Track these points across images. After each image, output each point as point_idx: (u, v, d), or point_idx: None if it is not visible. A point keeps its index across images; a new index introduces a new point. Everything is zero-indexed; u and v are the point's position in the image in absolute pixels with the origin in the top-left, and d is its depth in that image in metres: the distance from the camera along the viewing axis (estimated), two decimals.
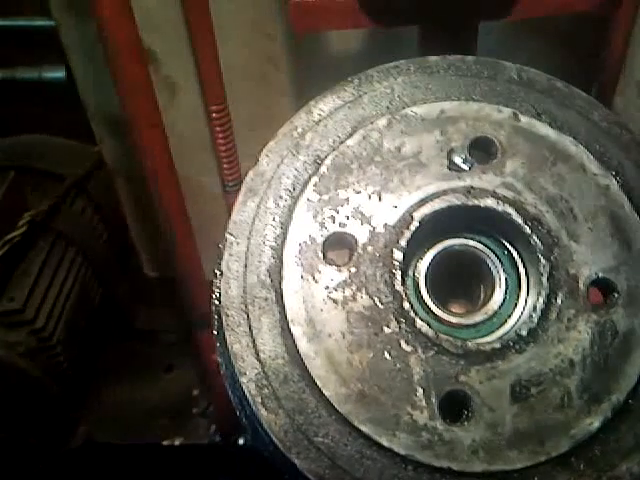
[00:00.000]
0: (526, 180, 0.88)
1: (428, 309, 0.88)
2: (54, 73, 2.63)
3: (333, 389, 0.80)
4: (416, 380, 0.80)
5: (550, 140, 0.90)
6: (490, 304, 0.90)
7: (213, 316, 0.90)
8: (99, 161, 2.29)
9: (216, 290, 0.87)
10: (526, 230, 0.86)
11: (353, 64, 1.76)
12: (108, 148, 2.19)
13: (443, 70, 0.94)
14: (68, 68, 2.10)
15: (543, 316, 0.83)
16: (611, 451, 0.80)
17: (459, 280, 0.95)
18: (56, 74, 2.62)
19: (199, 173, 2.10)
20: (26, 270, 1.99)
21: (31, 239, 2.01)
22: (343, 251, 0.86)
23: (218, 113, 1.87)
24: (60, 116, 2.50)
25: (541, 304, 0.83)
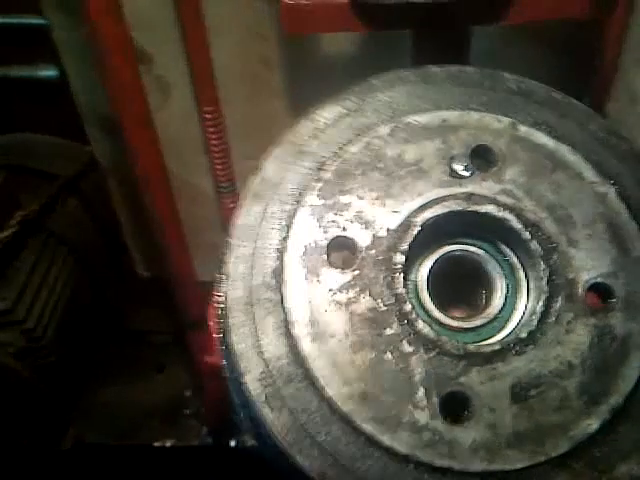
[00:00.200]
0: (525, 187, 0.90)
1: (429, 313, 0.90)
2: (47, 72, 2.61)
3: (335, 389, 0.81)
4: (417, 380, 0.81)
5: (548, 149, 0.92)
6: (490, 308, 0.92)
7: (217, 318, 0.91)
8: (92, 160, 2.27)
9: (220, 292, 0.89)
10: (526, 236, 0.88)
11: (347, 66, 1.77)
12: (100, 147, 2.18)
13: (444, 80, 0.96)
14: (61, 67, 2.08)
15: (542, 319, 0.84)
16: (610, 453, 0.80)
17: (460, 285, 0.96)
18: (49, 72, 2.59)
19: (192, 174, 2.09)
20: (17, 270, 1.97)
21: (22, 238, 1.98)
22: (346, 254, 0.88)
23: (211, 114, 1.88)
24: (53, 115, 2.46)
25: (540, 307, 0.84)
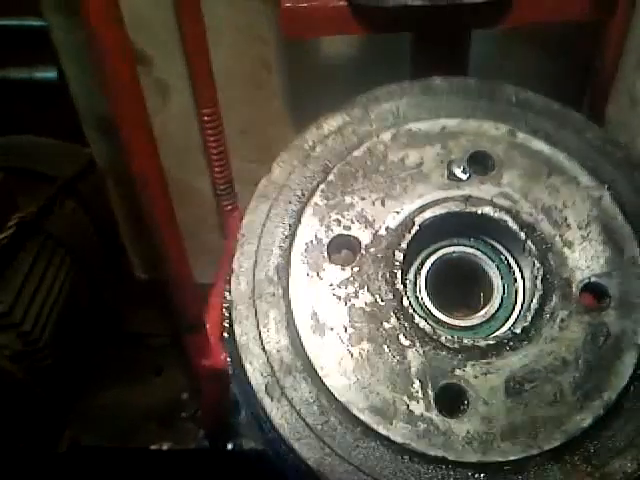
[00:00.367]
0: (522, 190, 0.93)
1: (427, 311, 0.92)
2: (46, 73, 2.62)
3: (334, 379, 0.83)
4: (413, 372, 0.84)
5: (545, 155, 0.95)
6: (487, 308, 0.94)
7: (224, 313, 0.95)
8: (90, 162, 2.27)
9: (228, 288, 0.92)
10: (521, 236, 0.90)
11: (346, 68, 1.79)
12: (99, 149, 2.19)
13: (445, 91, 1.01)
14: (60, 68, 2.07)
15: (537, 316, 0.86)
16: (604, 448, 0.81)
17: (458, 286, 0.98)
18: (48, 74, 2.61)
19: (190, 176, 2.10)
20: (14, 272, 1.96)
21: (20, 241, 1.97)
22: (347, 252, 0.91)
23: (210, 116, 1.90)
24: (52, 117, 2.46)
25: (535, 304, 0.87)
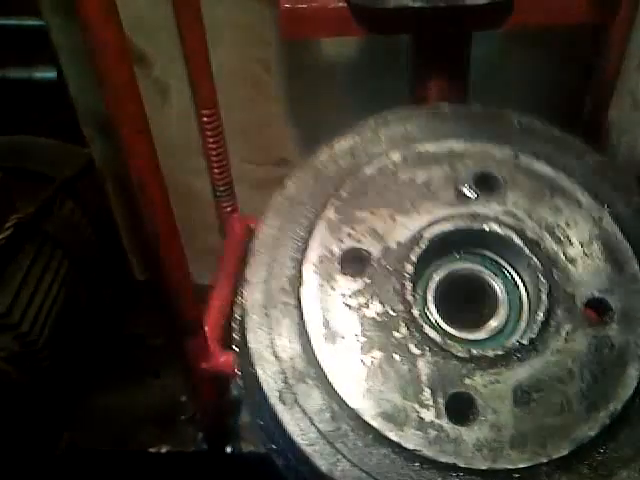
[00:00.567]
0: (526, 210, 0.97)
1: (437, 325, 0.95)
2: (45, 73, 2.63)
3: (345, 386, 0.85)
4: (424, 381, 0.85)
5: (548, 177, 1.00)
6: (494, 322, 0.96)
7: (234, 326, 0.97)
8: (89, 163, 2.26)
9: (240, 297, 0.94)
10: (526, 252, 0.94)
11: (347, 70, 1.79)
12: (98, 150, 2.17)
13: (452, 116, 1.06)
14: (59, 69, 2.07)
15: (543, 328, 0.89)
16: (611, 458, 0.83)
17: (465, 301, 1.01)
18: (47, 74, 2.62)
19: (189, 177, 2.10)
20: (12, 273, 1.92)
21: (18, 241, 1.94)
22: (358, 264, 0.94)
23: (209, 117, 1.89)
24: (51, 117, 2.46)
25: (541, 317, 0.89)
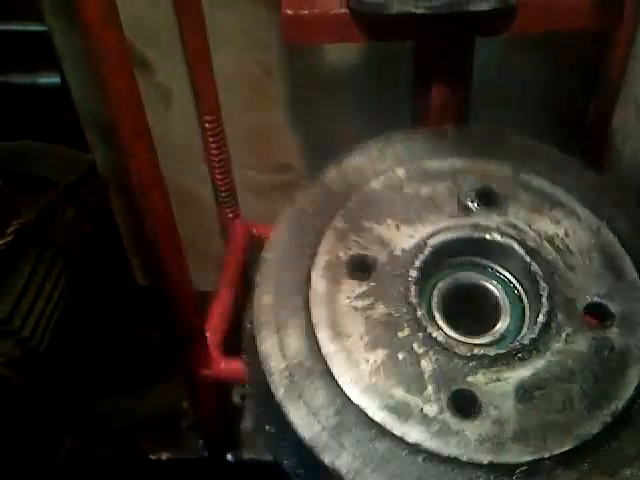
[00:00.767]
0: (526, 221, 1.01)
1: (442, 331, 0.97)
2: (49, 79, 2.64)
3: (350, 382, 0.87)
4: (427, 378, 0.87)
5: (546, 192, 1.04)
6: (496, 330, 0.98)
7: (245, 327, 1.00)
8: (92, 168, 2.25)
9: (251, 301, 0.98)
10: (527, 259, 0.97)
11: (349, 75, 1.79)
12: (101, 155, 2.17)
13: (455, 136, 1.11)
14: (62, 74, 2.06)
15: (543, 330, 0.91)
16: (614, 457, 0.83)
17: (468, 309, 1.03)
18: (50, 79, 2.62)
19: (191, 183, 2.10)
20: (13, 279, 1.91)
21: (19, 247, 1.93)
22: (364, 269, 0.97)
23: (211, 123, 1.90)
24: (54, 122, 2.45)
25: (541, 319, 0.91)
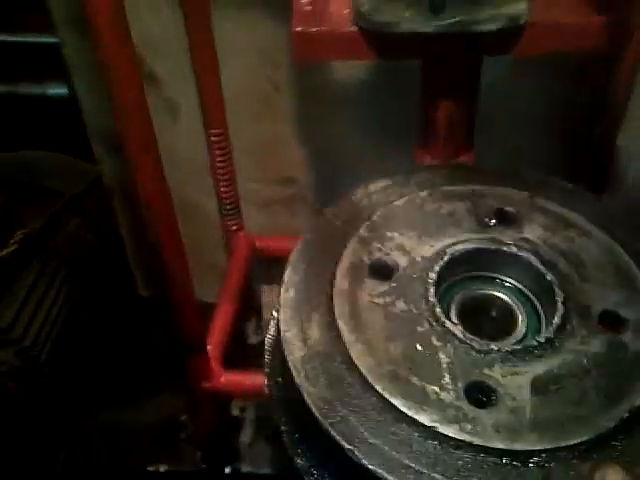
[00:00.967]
0: (541, 238, 1.06)
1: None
2: (57, 89, 2.67)
3: (369, 368, 0.90)
4: (444, 368, 0.90)
5: (560, 214, 1.10)
6: (512, 339, 1.01)
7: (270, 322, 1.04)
8: (97, 179, 2.27)
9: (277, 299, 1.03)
10: (542, 270, 1.01)
11: (359, 91, 1.85)
12: (107, 167, 2.19)
13: (474, 169, 1.20)
14: (71, 85, 2.08)
15: (559, 330, 0.93)
16: (630, 453, 0.83)
17: (486, 320, 1.06)
18: (59, 90, 2.65)
19: (196, 195, 2.12)
20: (16, 288, 1.92)
21: (23, 257, 1.94)
22: (386, 272, 1.02)
23: (218, 136, 1.94)
24: (62, 133, 2.45)
25: (557, 320, 0.94)
